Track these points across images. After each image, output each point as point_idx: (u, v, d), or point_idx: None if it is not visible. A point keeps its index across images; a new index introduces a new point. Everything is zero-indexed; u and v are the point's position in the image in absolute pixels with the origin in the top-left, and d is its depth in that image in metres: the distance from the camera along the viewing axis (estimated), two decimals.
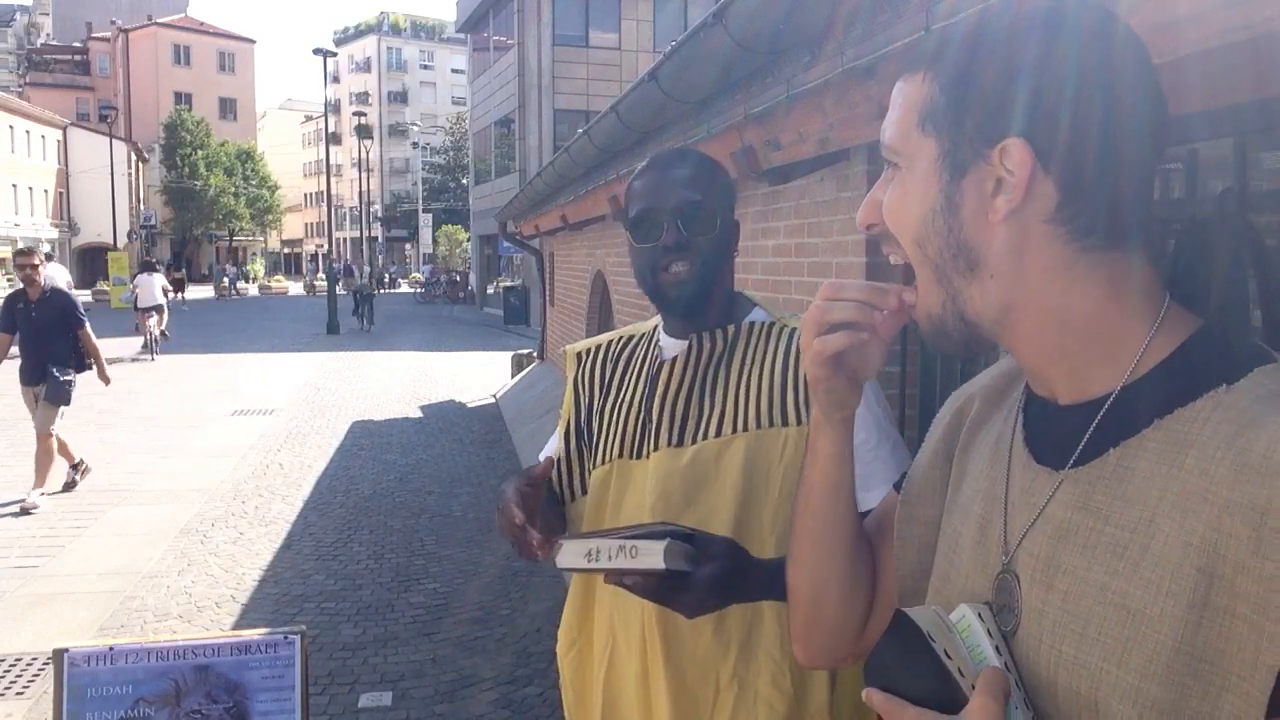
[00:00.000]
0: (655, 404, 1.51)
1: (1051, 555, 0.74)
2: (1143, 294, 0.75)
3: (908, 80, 0.80)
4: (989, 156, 0.73)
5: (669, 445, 1.48)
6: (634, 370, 1.59)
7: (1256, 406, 0.66)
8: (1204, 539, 0.64)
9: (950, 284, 0.77)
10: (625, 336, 1.67)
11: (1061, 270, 0.74)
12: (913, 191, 0.78)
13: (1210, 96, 1.46)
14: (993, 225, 0.74)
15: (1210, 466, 0.65)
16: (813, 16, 2.76)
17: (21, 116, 48.09)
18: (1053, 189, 0.72)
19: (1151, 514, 0.68)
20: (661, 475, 1.46)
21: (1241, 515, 0.62)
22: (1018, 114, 0.72)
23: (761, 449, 1.43)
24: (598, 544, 1.15)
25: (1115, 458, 0.72)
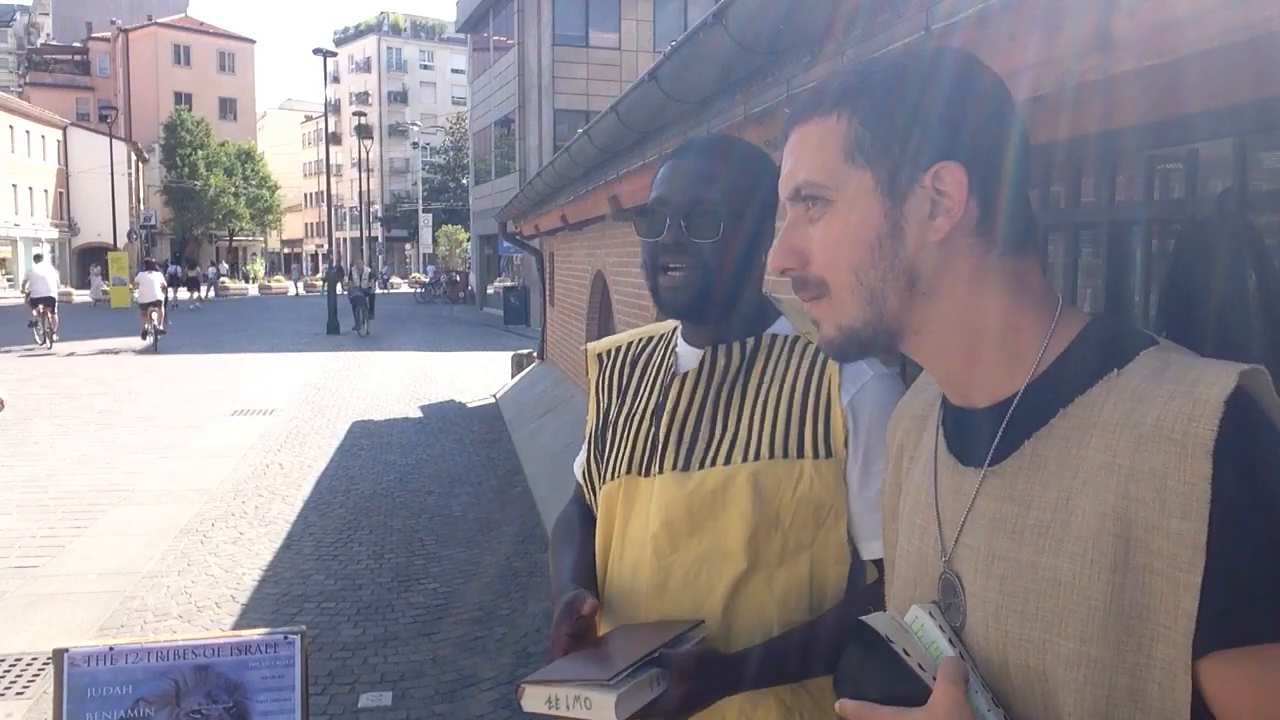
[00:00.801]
0: (664, 421, 1.40)
1: (986, 545, 0.80)
2: (1041, 296, 0.82)
3: (816, 123, 0.84)
4: (923, 180, 0.79)
5: (674, 469, 1.37)
6: (650, 377, 1.48)
7: (1145, 384, 0.73)
8: (1116, 507, 0.71)
9: (883, 304, 0.82)
10: (645, 338, 1.56)
11: (979, 279, 0.81)
12: (850, 222, 0.82)
13: (1210, 96, 1.46)
14: (931, 244, 0.80)
15: (1112, 442, 0.72)
16: (813, 16, 2.75)
17: (21, 116, 48.09)
18: (975, 205, 0.79)
19: (1068, 493, 0.74)
20: (666, 502, 1.37)
21: (1145, 480, 0.69)
22: (946, 139, 0.79)
23: (772, 481, 1.32)
24: (556, 691, 1.14)
25: (1030, 449, 0.78)
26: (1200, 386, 0.70)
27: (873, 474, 1.30)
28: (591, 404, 1.58)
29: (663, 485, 1.38)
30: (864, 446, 1.31)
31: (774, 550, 1.32)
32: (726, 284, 1.37)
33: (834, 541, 1.33)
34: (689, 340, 1.45)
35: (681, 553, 1.35)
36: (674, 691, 1.17)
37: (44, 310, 18.61)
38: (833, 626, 1.28)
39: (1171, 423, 0.69)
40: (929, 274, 0.80)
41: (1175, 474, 0.68)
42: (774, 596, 1.32)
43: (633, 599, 1.39)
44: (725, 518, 1.34)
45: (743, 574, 1.32)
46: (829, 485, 1.31)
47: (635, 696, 1.14)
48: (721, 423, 1.37)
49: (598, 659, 1.20)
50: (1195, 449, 0.67)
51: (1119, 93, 1.58)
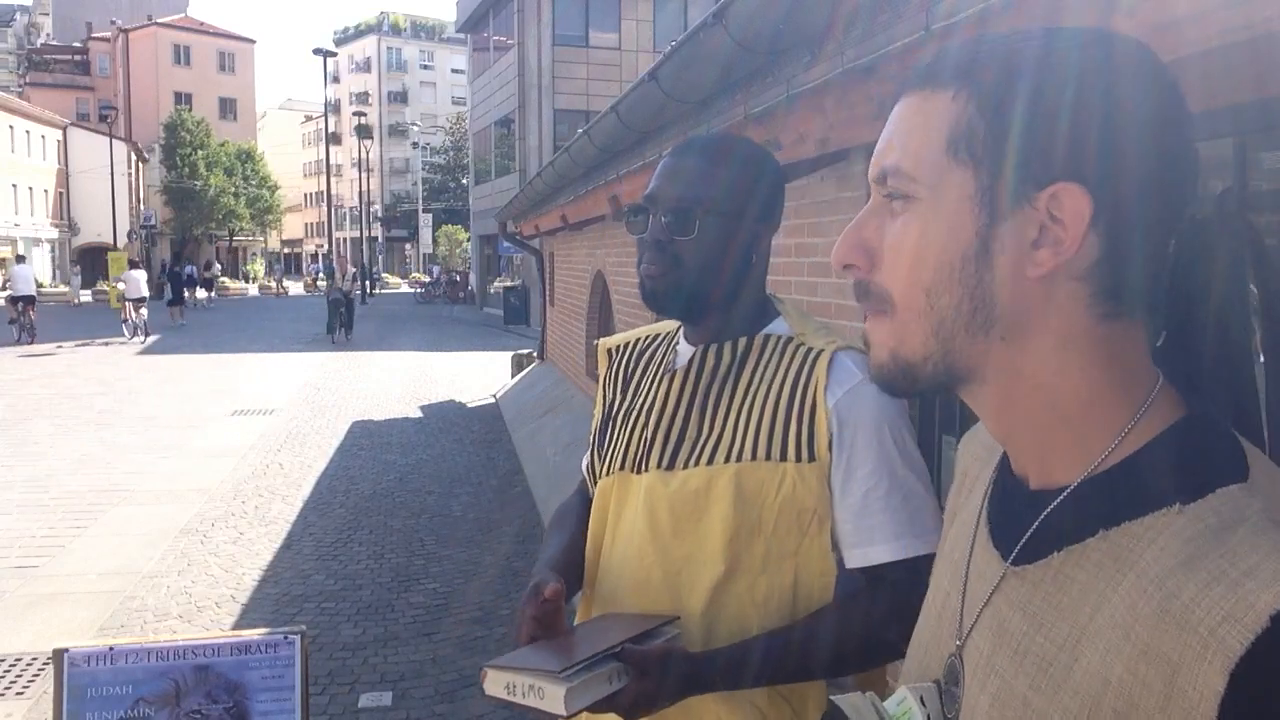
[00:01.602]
0: (652, 418, 1.40)
1: (989, 654, 0.69)
2: (1133, 373, 0.67)
3: (927, 97, 0.68)
4: (1035, 200, 0.63)
5: (659, 467, 1.36)
6: (651, 374, 1.48)
7: (1199, 541, 0.58)
8: (1121, 681, 0.58)
9: (951, 341, 0.67)
10: (652, 335, 1.56)
11: (1072, 335, 0.65)
12: (935, 229, 0.66)
13: (1210, 96, 1.46)
14: (1028, 280, 0.64)
15: (1139, 601, 0.59)
16: (813, 16, 2.76)
17: (21, 116, 48.08)
18: (1095, 245, 0.63)
19: (1080, 633, 0.62)
20: (650, 501, 1.36)
21: (1157, 665, 0.56)
22: (1077, 155, 0.62)
23: (754, 483, 1.29)
24: (514, 678, 1.14)
25: (1058, 562, 0.65)
26: (1251, 581, 0.54)
27: (855, 479, 1.27)
28: (599, 399, 1.57)
29: (648, 483, 1.37)
30: (848, 451, 1.28)
31: (756, 556, 1.30)
32: (709, 283, 1.35)
33: (818, 549, 1.31)
34: (689, 339, 1.45)
35: (663, 553, 1.34)
36: (630, 689, 1.16)
37: (24, 308, 19.93)
38: (806, 633, 1.26)
39: (1204, 613, 0.55)
40: (1012, 315, 0.65)
41: (1188, 675, 0.54)
42: (755, 603, 1.31)
43: (619, 595, 1.39)
44: (707, 519, 1.32)
45: (723, 578, 1.31)
46: (812, 489, 1.29)
47: (589, 690, 1.13)
48: (708, 422, 1.36)
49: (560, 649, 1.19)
50: (1215, 657, 0.53)
51: None
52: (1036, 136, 0.63)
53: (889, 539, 1.26)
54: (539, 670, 1.13)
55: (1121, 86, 0.63)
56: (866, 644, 1.27)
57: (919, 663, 0.80)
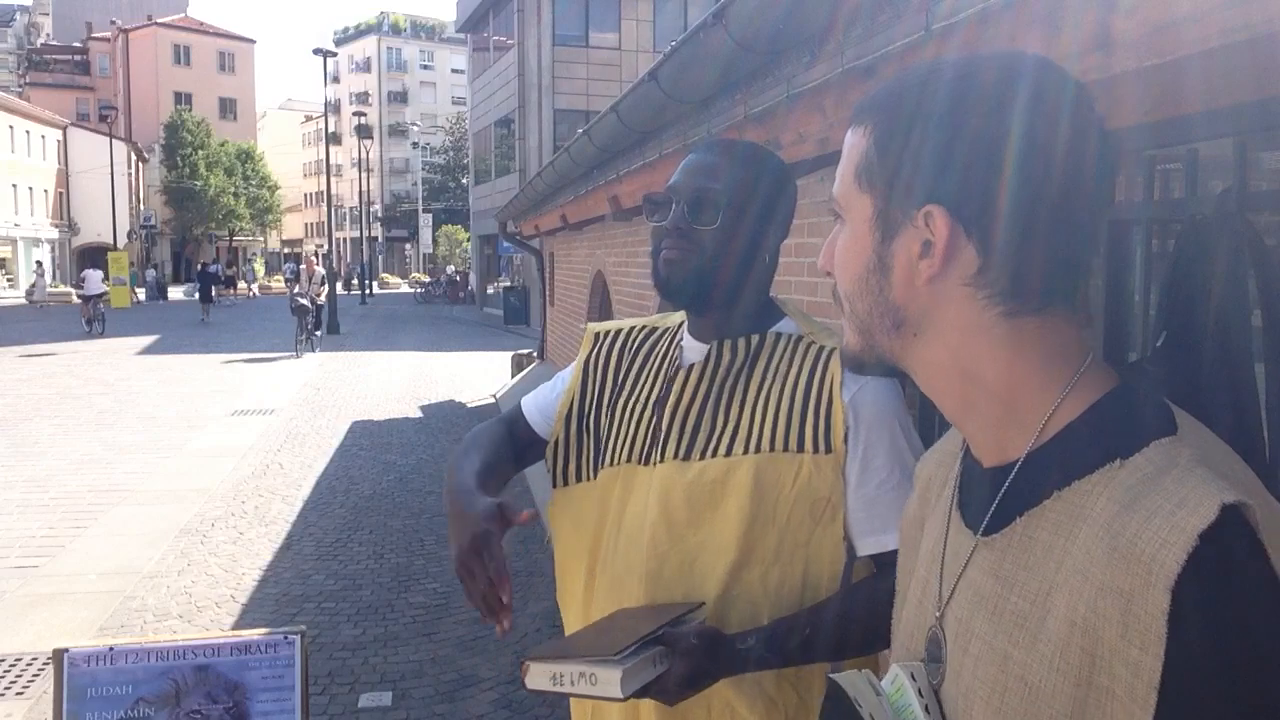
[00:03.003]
0: (667, 411, 1.43)
1: (967, 620, 0.76)
2: (1059, 356, 0.75)
3: (853, 130, 0.80)
4: (915, 219, 0.74)
5: (675, 458, 1.40)
6: (652, 367, 1.51)
7: (1138, 487, 0.67)
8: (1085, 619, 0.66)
9: (873, 338, 0.79)
10: (649, 327, 1.58)
11: (978, 333, 0.74)
12: (851, 247, 0.79)
13: (1210, 96, 1.46)
14: (918, 287, 0.75)
15: (1093, 546, 0.67)
16: (813, 16, 2.75)
17: (21, 116, 48.06)
18: (973, 254, 0.73)
19: (1049, 586, 0.70)
20: (665, 490, 1.39)
21: (1113, 598, 0.64)
22: (941, 179, 0.72)
23: (772, 473, 1.34)
24: (561, 668, 1.15)
25: (1021, 526, 0.73)
26: (1183, 511, 0.63)
27: (871, 470, 1.33)
28: (575, 378, 1.58)
29: (663, 474, 1.41)
30: (863, 443, 1.34)
31: (770, 546, 1.34)
32: (723, 274, 1.40)
33: (830, 540, 1.35)
34: (694, 334, 1.48)
35: (678, 543, 1.37)
36: (677, 670, 1.18)
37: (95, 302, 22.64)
38: (834, 613, 1.30)
39: (1146, 543, 0.63)
40: (916, 317, 0.76)
41: (1140, 600, 0.63)
42: (767, 593, 1.34)
43: (625, 587, 1.41)
44: (723, 509, 1.36)
45: (737, 567, 1.34)
46: (827, 480, 1.34)
47: (639, 673, 1.14)
48: (724, 415, 1.40)
49: (601, 637, 1.21)
50: (1159, 579, 0.62)
51: (1119, 93, 1.58)
52: (912, 165, 0.74)
53: None
54: (589, 657, 1.14)
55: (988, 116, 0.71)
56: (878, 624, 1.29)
57: (903, 644, 0.88)
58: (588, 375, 1.57)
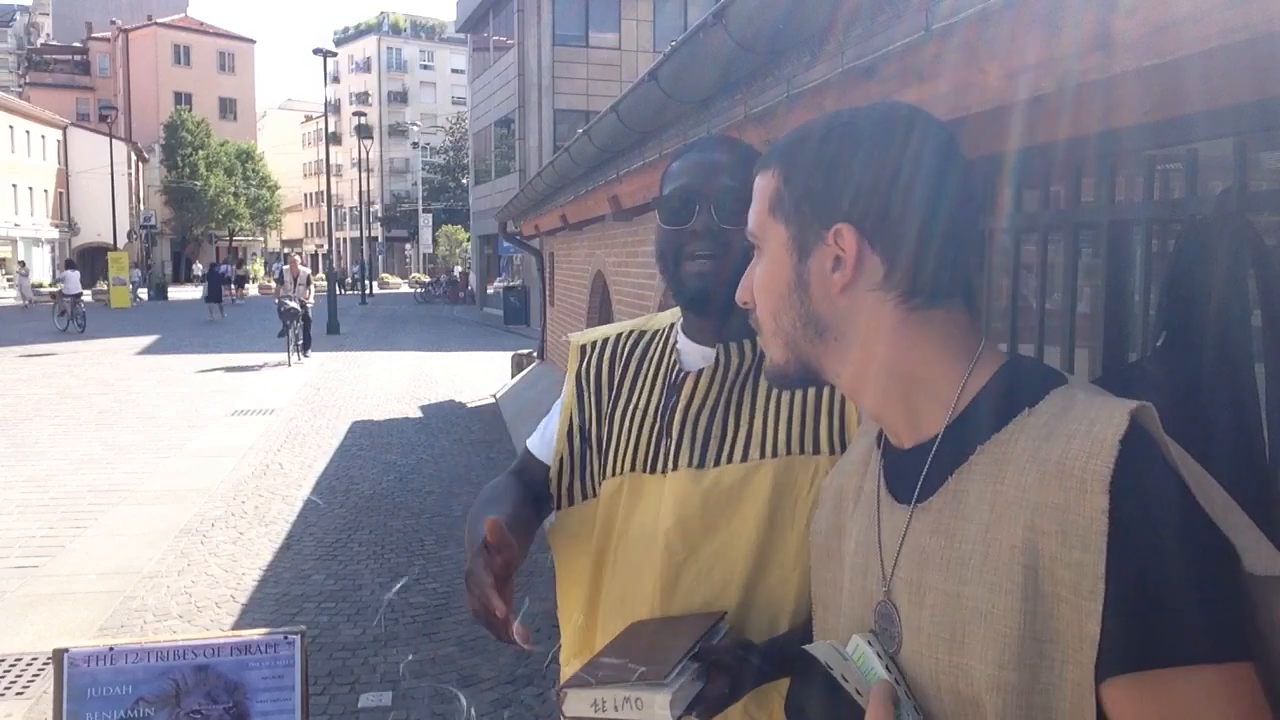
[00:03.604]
0: (676, 419, 1.39)
1: (918, 577, 0.85)
2: (961, 340, 0.88)
3: (761, 175, 0.94)
4: (826, 238, 0.87)
5: (690, 466, 1.36)
6: (648, 373, 1.47)
7: (1052, 423, 0.79)
8: (1024, 539, 0.75)
9: (798, 348, 0.91)
10: (637, 331, 1.54)
11: (892, 329, 0.87)
12: (770, 271, 0.92)
13: (1210, 96, 1.46)
14: (834, 297, 0.88)
15: (1021, 478, 0.77)
16: (813, 16, 2.75)
17: (21, 116, 48.06)
18: (879, 262, 0.86)
19: (985, 526, 0.79)
20: (680, 498, 1.36)
21: (1048, 514, 0.74)
22: (845, 202, 0.87)
23: (790, 477, 1.32)
24: (602, 694, 1.10)
25: (953, 485, 0.84)
26: (1098, 426, 0.74)
27: None
28: (569, 394, 1.53)
29: (676, 482, 1.36)
30: None
31: (789, 550, 1.31)
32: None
33: None
34: (691, 336, 1.44)
35: (694, 551, 1.34)
36: (717, 684, 1.16)
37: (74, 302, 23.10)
38: None
39: (1072, 460, 0.74)
40: (837, 322, 0.89)
41: (1076, 508, 0.72)
42: (787, 598, 1.31)
43: (636, 598, 1.38)
44: (741, 515, 1.33)
45: (756, 573, 1.32)
46: None
47: (685, 693, 1.11)
48: (735, 420, 1.37)
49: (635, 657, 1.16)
50: (1093, 484, 0.72)
51: (1119, 93, 1.58)
52: (817, 195, 0.88)
53: None
54: (630, 681, 1.09)
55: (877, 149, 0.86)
56: None
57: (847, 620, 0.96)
58: (582, 389, 1.52)
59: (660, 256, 1.40)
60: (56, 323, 23.36)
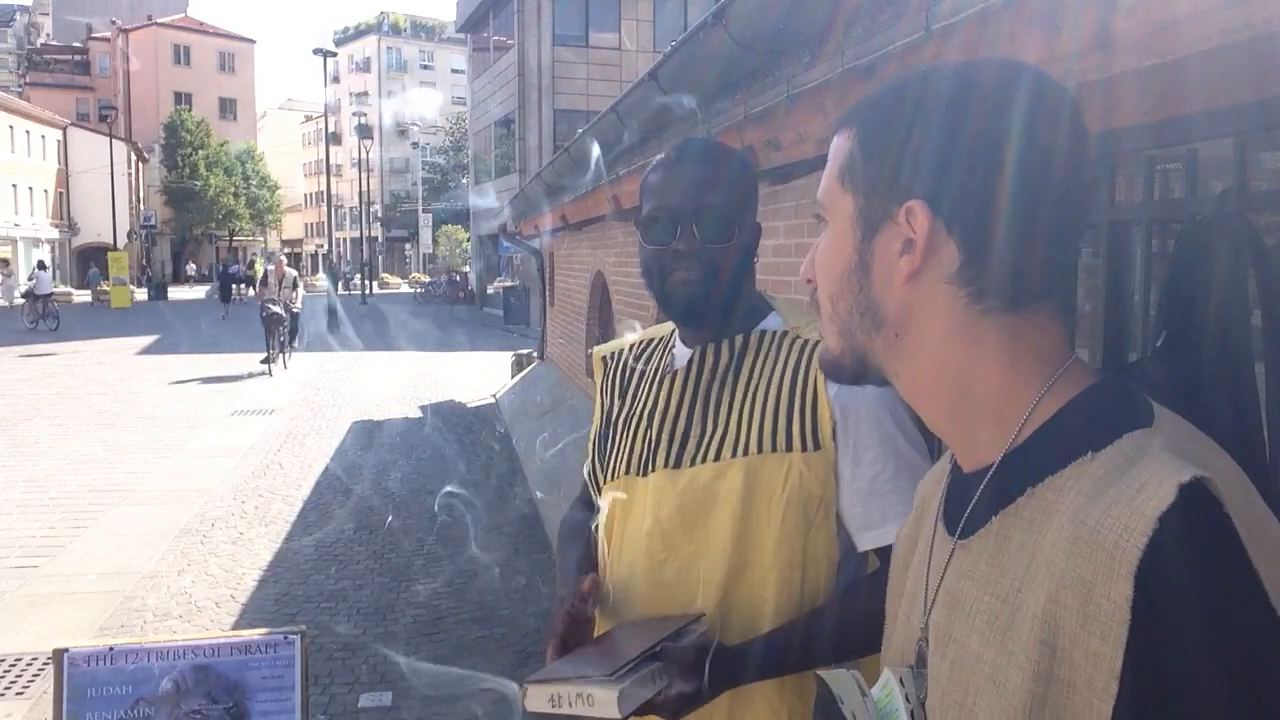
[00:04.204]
0: (655, 419, 1.42)
1: (945, 624, 0.75)
2: (1041, 356, 0.74)
3: (839, 135, 0.81)
4: (896, 216, 0.74)
5: (665, 466, 1.39)
6: (649, 378, 1.49)
7: (1106, 477, 0.65)
8: (1045, 611, 0.64)
9: (854, 340, 0.79)
10: (646, 340, 1.57)
11: (959, 332, 0.74)
12: (831, 248, 0.80)
13: (1210, 96, 1.46)
14: (897, 286, 0.75)
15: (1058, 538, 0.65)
16: (813, 16, 2.76)
17: (21, 116, 48.04)
18: (955, 251, 0.72)
19: (1019, 584, 0.68)
20: (658, 499, 1.38)
21: (1074, 589, 0.62)
22: (921, 175, 0.73)
23: (762, 476, 1.32)
24: (559, 690, 1.13)
25: (996, 526, 0.72)
26: (1143, 494, 0.62)
27: (863, 464, 1.31)
28: (596, 407, 1.59)
29: (655, 483, 1.39)
30: (853, 437, 1.32)
31: (766, 550, 1.32)
32: (736, 287, 1.39)
33: (824, 540, 1.33)
34: (686, 341, 1.47)
35: (673, 551, 1.36)
36: (676, 686, 1.17)
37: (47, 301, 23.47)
38: (834, 617, 1.28)
39: (1108, 530, 0.62)
40: (898, 317, 0.76)
41: (1101, 589, 0.61)
42: (766, 598, 1.32)
43: (629, 597, 1.40)
44: (716, 515, 1.34)
45: (734, 573, 1.33)
46: (819, 478, 1.31)
47: (638, 691, 1.13)
48: (712, 420, 1.38)
49: (599, 656, 1.19)
50: (1121, 566, 0.60)
51: (1119, 93, 1.58)
52: (893, 161, 0.74)
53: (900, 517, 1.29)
54: (586, 677, 1.12)
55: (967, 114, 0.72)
56: None
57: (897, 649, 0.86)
58: (603, 399, 1.57)
59: (645, 273, 1.42)
60: (25, 322, 23.52)
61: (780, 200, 3.93)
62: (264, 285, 15.97)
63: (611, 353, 1.61)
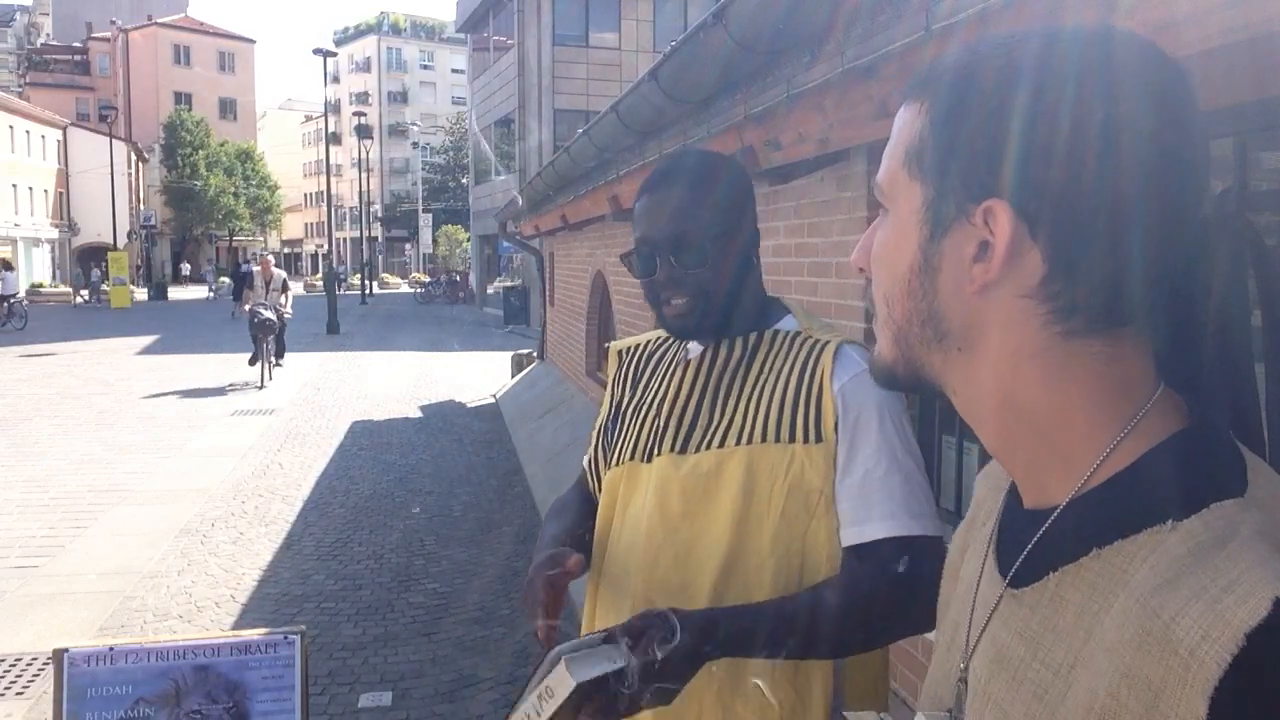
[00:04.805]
0: (665, 406, 1.45)
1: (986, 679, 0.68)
2: (1124, 389, 0.63)
3: (907, 107, 0.68)
4: (973, 215, 0.62)
5: (672, 451, 1.42)
6: (662, 370, 1.53)
7: (1187, 559, 0.55)
8: (1104, 706, 0.56)
9: (910, 349, 0.68)
10: (662, 336, 1.59)
11: (1033, 355, 0.63)
12: (891, 243, 0.68)
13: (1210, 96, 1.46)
14: (967, 295, 0.64)
15: (1124, 622, 0.56)
16: (813, 16, 2.76)
17: (21, 116, 48.04)
18: (1039, 261, 0.61)
19: (1075, 658, 0.60)
20: (660, 483, 1.41)
21: (1139, 688, 0.54)
22: (1007, 171, 0.61)
23: (763, 465, 1.34)
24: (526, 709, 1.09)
25: (1054, 583, 0.63)
26: (1230, 597, 0.52)
27: (857, 459, 1.32)
28: (606, 398, 1.62)
29: (659, 468, 1.42)
30: (851, 432, 1.33)
31: (765, 537, 1.33)
32: (731, 299, 1.41)
33: (824, 532, 1.33)
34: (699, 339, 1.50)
35: (672, 535, 1.38)
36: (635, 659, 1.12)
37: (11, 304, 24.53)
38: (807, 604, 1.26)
39: (1183, 632, 0.52)
40: (964, 328, 0.65)
41: (1170, 696, 0.52)
42: (763, 587, 1.32)
43: (625, 579, 1.43)
44: (716, 501, 1.36)
45: (731, 560, 1.34)
46: (819, 470, 1.33)
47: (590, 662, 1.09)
48: (720, 409, 1.41)
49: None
50: (1196, 679, 0.51)
51: None
52: (974, 151, 0.62)
53: (885, 516, 1.30)
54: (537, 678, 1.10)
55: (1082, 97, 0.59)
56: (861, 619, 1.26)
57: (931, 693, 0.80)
58: (613, 391, 1.61)
59: (645, 298, 1.46)
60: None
61: (780, 200, 3.93)
62: (249, 289, 14.22)
63: (627, 348, 1.64)
